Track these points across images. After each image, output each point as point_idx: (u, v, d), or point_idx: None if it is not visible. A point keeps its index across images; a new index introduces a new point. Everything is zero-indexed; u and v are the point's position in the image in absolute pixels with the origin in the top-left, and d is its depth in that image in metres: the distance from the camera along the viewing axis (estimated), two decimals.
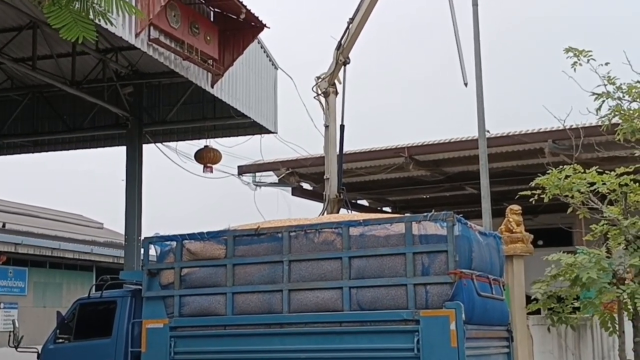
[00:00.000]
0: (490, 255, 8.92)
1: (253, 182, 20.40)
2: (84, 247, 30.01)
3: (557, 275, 10.71)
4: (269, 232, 8.93)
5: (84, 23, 5.49)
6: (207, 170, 17.86)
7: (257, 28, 15.07)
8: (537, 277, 11.36)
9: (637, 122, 10.88)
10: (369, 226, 8.45)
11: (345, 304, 8.25)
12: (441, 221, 8.07)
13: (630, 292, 10.17)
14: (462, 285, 7.89)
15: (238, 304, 8.80)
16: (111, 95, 17.66)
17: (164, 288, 9.28)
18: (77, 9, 5.40)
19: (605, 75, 10.75)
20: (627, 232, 10.73)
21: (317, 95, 13.30)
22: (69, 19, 5.51)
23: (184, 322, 9.05)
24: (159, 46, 13.43)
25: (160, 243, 9.55)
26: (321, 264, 8.51)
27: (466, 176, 18.80)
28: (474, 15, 12.66)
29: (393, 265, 8.16)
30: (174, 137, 19.20)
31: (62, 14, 5.57)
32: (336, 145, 13.12)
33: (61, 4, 5.30)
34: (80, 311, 10.28)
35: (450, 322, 7.70)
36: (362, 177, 19.44)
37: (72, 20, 5.51)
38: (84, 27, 5.57)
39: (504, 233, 11.33)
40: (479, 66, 12.78)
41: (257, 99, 17.16)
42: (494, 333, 8.84)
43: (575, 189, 10.85)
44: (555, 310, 11.08)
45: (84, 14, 5.40)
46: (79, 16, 5.38)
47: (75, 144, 20.35)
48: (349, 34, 12.79)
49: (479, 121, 12.73)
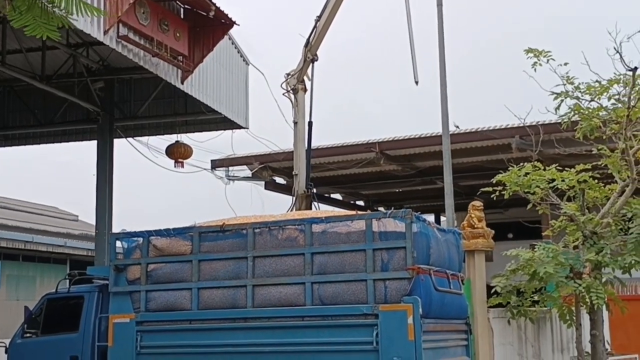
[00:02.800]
0: (449, 251, 9.17)
1: (226, 176, 20.53)
2: (58, 240, 29.86)
3: (516, 269, 11.02)
4: (234, 228, 9.11)
5: (46, 25, 5.63)
6: (178, 165, 17.94)
7: (227, 25, 15.17)
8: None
9: (596, 120, 11.20)
10: (330, 223, 8.67)
11: (308, 299, 8.47)
12: (400, 218, 8.31)
13: (586, 286, 10.50)
14: (420, 280, 8.13)
15: (203, 299, 8.99)
16: (82, 90, 17.64)
17: (131, 283, 9.44)
18: (38, 14, 5.53)
19: (564, 75, 11.04)
20: (584, 228, 11.06)
21: (286, 92, 13.45)
22: (31, 21, 5.65)
23: (150, 316, 9.21)
24: (128, 43, 13.48)
25: (127, 239, 9.70)
26: (284, 260, 8.71)
27: (437, 171, 19.05)
28: (439, 15, 12.90)
29: (354, 261, 8.39)
30: (145, 132, 19.24)
31: (23, 18, 5.72)
32: (305, 142, 13.30)
33: (21, 10, 5.44)
34: (48, 306, 10.39)
35: (407, 316, 7.95)
36: (335, 171, 19.66)
37: (35, 22, 5.65)
38: (47, 28, 5.71)
39: (466, 228, 11.60)
40: (443, 65, 13.03)
41: (228, 94, 17.26)
42: (451, 326, 9.10)
43: (534, 186, 11.16)
44: (515, 303, 11.40)
45: (45, 18, 5.53)
46: (41, 20, 5.53)
47: (46, 138, 20.32)
48: (317, 31, 12.94)
49: (443, 119, 13.00)
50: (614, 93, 11.10)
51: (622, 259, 10.56)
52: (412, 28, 12.34)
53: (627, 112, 10.72)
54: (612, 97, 11.14)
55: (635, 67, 10.53)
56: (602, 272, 11.01)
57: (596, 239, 10.98)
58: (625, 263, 10.53)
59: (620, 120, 10.92)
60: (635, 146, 10.91)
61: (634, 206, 10.88)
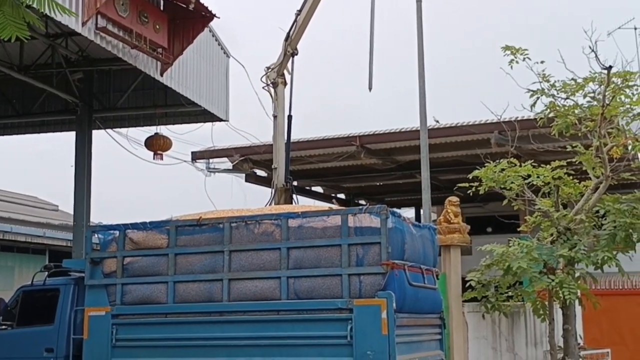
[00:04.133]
0: (424, 246, 9.27)
1: (207, 168, 20.48)
2: (37, 231, 29.62)
3: (491, 264, 11.15)
4: (211, 222, 9.15)
5: (16, 24, 5.59)
6: (157, 157, 17.87)
7: (208, 17, 15.10)
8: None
9: (572, 117, 11.32)
10: (307, 218, 8.73)
11: (283, 293, 8.53)
12: (375, 214, 8.38)
13: (559, 282, 10.65)
14: (394, 275, 8.22)
15: (179, 293, 9.02)
16: (60, 80, 17.50)
17: (107, 276, 9.45)
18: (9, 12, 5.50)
19: (541, 73, 11.15)
20: (558, 224, 11.21)
21: (266, 85, 13.46)
22: (2, 20, 5.61)
23: (126, 309, 9.23)
24: (107, 35, 13.40)
25: (104, 232, 9.71)
26: (260, 254, 8.77)
27: (417, 165, 19.04)
28: (418, 10, 12.96)
29: (329, 256, 8.46)
30: (124, 123, 19.13)
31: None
32: (284, 135, 13.32)
33: None
34: (24, 298, 10.38)
35: (381, 311, 8.04)
36: (316, 164, 19.69)
37: (5, 21, 5.61)
38: (17, 27, 5.67)
39: (442, 223, 11.70)
40: (421, 59, 13.10)
41: (208, 87, 17.21)
42: (425, 321, 9.21)
43: (509, 182, 11.28)
44: (489, 298, 11.54)
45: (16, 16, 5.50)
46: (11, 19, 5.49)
47: (25, 128, 20.16)
48: (297, 25, 12.96)
49: (421, 114, 13.08)
50: (589, 91, 11.22)
51: (594, 255, 10.71)
52: (373, 37, 12.58)
53: (601, 110, 10.85)
54: (587, 94, 11.26)
55: (610, 66, 10.66)
56: (575, 268, 11.16)
57: (570, 235, 11.13)
58: (598, 259, 10.68)
59: (595, 118, 11.05)
60: (609, 144, 11.05)
61: (607, 203, 11.02)
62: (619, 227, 10.68)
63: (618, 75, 10.84)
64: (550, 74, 11.13)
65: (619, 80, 10.89)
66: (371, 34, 12.72)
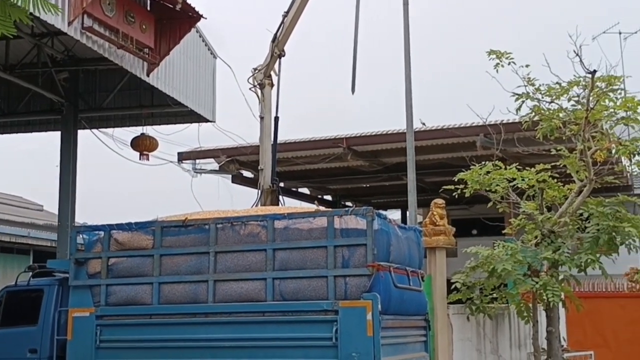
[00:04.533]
0: (410, 248, 9.30)
1: (193, 169, 20.45)
2: (21, 231, 29.42)
3: (475, 266, 11.21)
4: (197, 223, 9.13)
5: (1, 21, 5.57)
6: (143, 157, 17.81)
7: (194, 18, 15.07)
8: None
9: (556, 121, 11.41)
10: (293, 220, 8.73)
11: (269, 295, 8.53)
12: (361, 216, 8.40)
13: (543, 284, 10.73)
14: (380, 277, 8.24)
15: (164, 294, 8.99)
16: (46, 80, 17.39)
17: (91, 277, 9.40)
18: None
19: (525, 77, 11.23)
20: (542, 227, 11.29)
21: (253, 86, 13.47)
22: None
23: (110, 310, 9.19)
24: (93, 34, 13.33)
25: (89, 232, 9.66)
26: (246, 256, 8.76)
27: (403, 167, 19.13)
28: (404, 14, 13.01)
29: (315, 258, 8.47)
30: (110, 123, 19.04)
31: None
32: (271, 137, 13.33)
33: None
34: (8, 299, 10.31)
35: (367, 313, 8.06)
36: (303, 166, 19.71)
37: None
38: (3, 25, 5.65)
39: (428, 225, 11.74)
40: (408, 61, 13.15)
41: (195, 87, 17.17)
42: (410, 322, 9.24)
43: (494, 185, 11.35)
44: (474, 300, 11.60)
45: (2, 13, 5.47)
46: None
47: (10, 128, 20.01)
48: (284, 27, 12.99)
49: (407, 116, 13.12)
50: (573, 95, 11.31)
51: (578, 258, 10.80)
52: (357, 41, 12.65)
53: (586, 114, 10.94)
54: (571, 98, 11.35)
55: (595, 70, 10.75)
56: (559, 270, 11.24)
57: (554, 237, 11.22)
58: (581, 261, 10.77)
59: (579, 121, 11.14)
60: (593, 147, 11.14)
61: (590, 206, 11.11)
62: (602, 230, 10.78)
63: (602, 79, 10.93)
64: (535, 78, 11.22)
65: (603, 84, 10.99)
66: (355, 37, 12.79)
